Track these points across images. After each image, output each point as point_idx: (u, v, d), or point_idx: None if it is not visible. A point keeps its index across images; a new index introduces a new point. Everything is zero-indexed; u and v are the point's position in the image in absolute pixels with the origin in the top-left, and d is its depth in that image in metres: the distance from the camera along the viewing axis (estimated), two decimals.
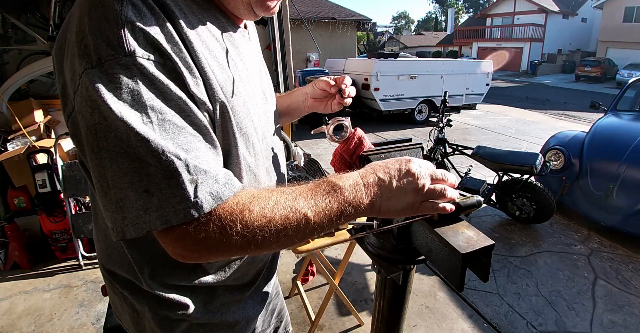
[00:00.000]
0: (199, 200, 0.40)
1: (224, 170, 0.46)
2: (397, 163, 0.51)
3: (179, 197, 0.40)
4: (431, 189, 0.50)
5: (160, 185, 0.39)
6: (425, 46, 33.74)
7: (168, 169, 0.39)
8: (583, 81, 18.73)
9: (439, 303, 2.19)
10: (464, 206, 0.51)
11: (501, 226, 3.23)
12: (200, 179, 0.41)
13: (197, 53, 0.47)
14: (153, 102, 0.41)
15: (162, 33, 0.43)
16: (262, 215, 0.43)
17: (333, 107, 0.78)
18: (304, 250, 1.57)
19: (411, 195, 0.49)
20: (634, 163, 2.85)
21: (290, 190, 0.47)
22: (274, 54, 3.85)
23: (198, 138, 0.44)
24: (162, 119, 0.41)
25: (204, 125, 0.46)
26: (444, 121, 3.20)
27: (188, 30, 0.47)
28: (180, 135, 0.42)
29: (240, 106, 0.54)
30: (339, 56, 10.76)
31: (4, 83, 2.87)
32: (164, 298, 0.60)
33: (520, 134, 6.96)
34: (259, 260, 0.70)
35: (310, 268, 2.40)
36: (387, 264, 0.59)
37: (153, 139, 0.39)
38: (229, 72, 0.53)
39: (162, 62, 0.43)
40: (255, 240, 0.43)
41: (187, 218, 0.40)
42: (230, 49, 0.56)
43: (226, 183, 0.44)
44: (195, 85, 0.45)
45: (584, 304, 2.23)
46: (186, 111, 0.44)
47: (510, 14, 25.59)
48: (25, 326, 1.96)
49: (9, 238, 2.43)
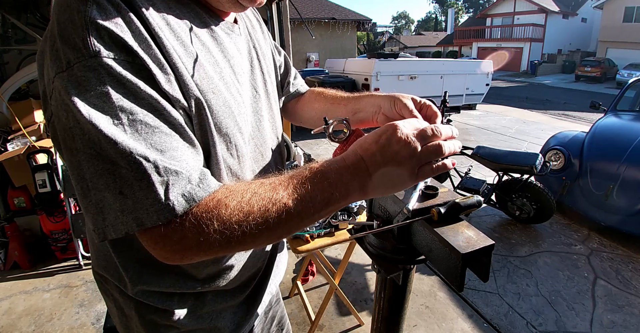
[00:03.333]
0: (171, 202, 0.40)
1: (200, 169, 0.44)
2: (381, 133, 0.46)
3: (151, 199, 0.39)
4: (425, 151, 0.45)
5: (132, 187, 0.39)
6: (425, 46, 33.75)
7: (138, 171, 0.39)
8: (583, 81, 18.73)
9: (439, 303, 2.19)
10: (464, 206, 0.51)
11: (501, 226, 3.23)
12: (171, 180, 0.40)
13: (168, 49, 0.45)
14: (122, 103, 0.39)
15: (129, 30, 0.42)
16: (239, 209, 0.42)
17: None
18: (304, 250, 1.57)
19: (405, 165, 0.45)
20: (634, 163, 2.85)
21: (270, 181, 0.45)
22: None
23: (174, 136, 0.43)
24: (132, 119, 0.40)
25: (179, 123, 0.44)
26: (444, 121, 3.19)
27: (158, 26, 0.45)
28: (153, 135, 0.41)
29: (220, 104, 0.52)
30: (339, 56, 10.76)
31: (4, 83, 2.87)
32: (150, 304, 0.59)
33: (520, 134, 6.96)
34: (252, 265, 0.68)
35: (310, 268, 2.40)
36: (387, 264, 0.59)
37: (121, 141, 0.38)
38: (206, 70, 0.51)
39: (129, 60, 0.41)
40: (236, 236, 0.41)
41: (160, 220, 0.39)
42: (210, 45, 0.54)
43: (200, 183, 0.43)
44: (167, 82, 0.44)
45: (584, 304, 2.23)
46: (159, 110, 0.42)
47: (510, 14, 25.60)
48: (25, 326, 1.96)
49: (9, 238, 2.43)
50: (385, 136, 0.45)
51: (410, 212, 0.52)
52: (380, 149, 0.45)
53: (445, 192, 0.58)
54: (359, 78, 7.11)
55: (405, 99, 0.62)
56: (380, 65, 6.81)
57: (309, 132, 0.74)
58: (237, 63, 0.59)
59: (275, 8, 3.67)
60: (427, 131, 0.46)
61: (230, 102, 0.54)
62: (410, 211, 0.52)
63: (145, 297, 0.58)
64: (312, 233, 1.61)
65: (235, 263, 0.63)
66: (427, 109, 0.61)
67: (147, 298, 0.58)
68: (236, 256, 0.63)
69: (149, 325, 0.61)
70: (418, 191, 0.56)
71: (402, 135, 0.45)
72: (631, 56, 18.40)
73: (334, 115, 0.74)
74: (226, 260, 0.61)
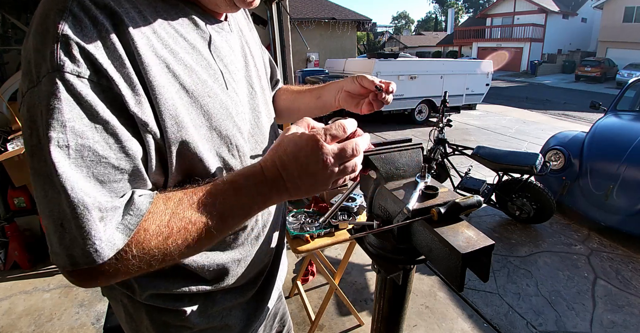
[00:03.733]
0: (105, 242, 0.38)
1: (133, 198, 0.41)
2: (302, 148, 0.44)
3: (88, 238, 0.37)
4: (340, 172, 0.46)
5: (70, 223, 0.37)
6: (425, 46, 33.75)
7: (75, 209, 0.36)
8: (583, 81, 18.73)
9: (439, 303, 2.19)
10: (464, 206, 0.51)
11: (501, 226, 3.23)
12: (108, 217, 0.38)
13: (146, 66, 0.42)
14: (74, 124, 0.37)
15: (102, 46, 0.39)
16: (158, 233, 0.41)
17: (363, 109, 0.73)
18: (304, 250, 1.57)
19: (320, 183, 0.45)
20: (634, 163, 2.85)
21: (189, 197, 0.43)
22: (274, 54, 3.85)
23: (119, 168, 0.40)
24: (81, 143, 0.37)
25: (132, 155, 0.41)
26: (444, 121, 3.20)
27: (141, 40, 0.43)
28: (99, 165, 0.38)
29: (218, 107, 0.51)
30: (339, 56, 10.76)
31: (4, 83, 2.87)
32: (161, 307, 0.59)
33: (520, 134, 6.96)
34: (259, 260, 0.68)
35: (310, 268, 2.40)
36: (387, 264, 0.59)
37: (62, 171, 0.36)
38: (199, 74, 0.50)
39: (95, 79, 0.39)
40: (155, 259, 0.41)
41: (92, 263, 0.38)
42: (201, 48, 0.52)
43: (130, 211, 0.41)
44: (137, 104, 0.41)
45: (584, 304, 2.23)
46: (113, 138, 0.40)
47: (510, 14, 25.59)
48: (25, 326, 1.96)
49: (9, 238, 2.43)
50: (305, 154, 0.43)
51: (410, 212, 0.52)
52: (299, 168, 0.44)
53: (445, 192, 0.58)
54: None
55: (367, 75, 0.69)
56: (380, 65, 6.82)
57: None
58: (230, 61, 0.58)
59: (275, 8, 3.67)
60: (347, 151, 0.45)
61: (228, 103, 0.54)
62: (410, 211, 0.52)
63: (154, 300, 0.58)
64: (312, 233, 1.61)
65: (242, 260, 0.63)
66: (389, 86, 0.68)
67: (157, 301, 0.58)
68: (243, 253, 0.63)
69: (160, 327, 0.61)
70: (418, 191, 0.56)
71: (321, 156, 0.43)
72: (631, 56, 18.40)
73: (300, 103, 0.81)
74: (234, 257, 0.62)
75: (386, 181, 0.61)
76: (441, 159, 3.31)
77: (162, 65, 0.45)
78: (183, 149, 0.47)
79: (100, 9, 0.41)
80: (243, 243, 0.62)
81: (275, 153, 0.45)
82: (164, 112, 0.44)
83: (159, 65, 0.44)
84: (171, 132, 0.45)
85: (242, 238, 0.62)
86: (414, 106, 7.56)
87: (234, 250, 0.61)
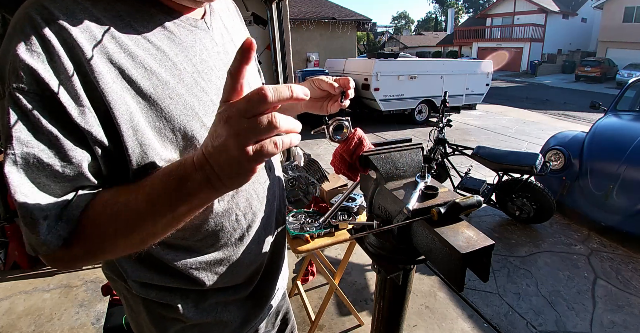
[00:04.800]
0: (50, 239, 0.43)
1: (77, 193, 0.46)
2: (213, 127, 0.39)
3: (35, 235, 0.43)
4: (250, 125, 0.35)
5: (23, 219, 0.43)
6: (425, 46, 33.74)
7: (22, 210, 0.42)
8: (583, 81, 18.72)
9: (439, 303, 2.19)
10: (464, 206, 0.51)
11: (501, 226, 3.23)
12: (51, 215, 0.43)
13: (97, 75, 0.44)
14: (20, 134, 0.41)
15: (48, 60, 0.42)
16: (97, 221, 0.45)
17: (330, 109, 0.72)
18: (304, 250, 1.57)
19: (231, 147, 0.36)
20: (634, 163, 2.85)
21: (124, 186, 0.47)
22: (273, 54, 3.85)
23: (64, 174, 0.44)
24: (26, 152, 0.41)
25: (76, 162, 0.45)
26: (444, 121, 3.20)
27: (93, 49, 0.45)
28: (43, 171, 0.43)
29: (181, 108, 0.51)
30: (339, 56, 10.75)
31: None
32: (153, 300, 0.61)
33: (520, 134, 6.96)
34: (248, 261, 0.68)
35: (310, 268, 2.40)
36: (387, 264, 0.59)
37: (11, 177, 0.41)
38: (160, 76, 0.50)
39: (39, 92, 0.42)
40: (99, 245, 0.46)
41: (46, 252, 0.45)
42: (166, 47, 0.52)
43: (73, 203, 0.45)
44: (81, 114, 0.44)
45: (584, 304, 2.23)
46: (57, 146, 0.43)
47: (510, 14, 25.59)
48: (25, 326, 1.96)
49: (9, 238, 2.43)
50: (213, 128, 0.39)
51: (410, 212, 0.52)
52: (210, 136, 0.39)
53: (445, 192, 0.58)
54: (359, 78, 7.10)
55: (320, 76, 0.70)
56: (380, 65, 6.82)
57: (309, 132, 0.74)
58: (201, 60, 0.57)
59: (275, 8, 3.67)
60: (253, 98, 0.35)
61: (193, 103, 0.53)
62: (410, 211, 0.52)
63: (148, 293, 0.60)
64: (312, 233, 1.61)
65: (225, 260, 0.64)
66: (344, 81, 0.68)
67: (151, 294, 0.60)
68: (227, 253, 0.63)
69: (155, 319, 0.64)
70: (418, 191, 0.56)
71: (221, 115, 0.37)
72: (631, 56, 18.39)
73: None
74: (217, 257, 0.62)
75: (386, 181, 0.61)
76: (441, 159, 3.31)
77: (117, 72, 0.46)
78: (142, 153, 0.48)
79: (49, 24, 0.43)
80: (226, 244, 0.63)
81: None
82: (119, 118, 0.46)
83: (113, 72, 0.46)
84: (127, 136, 0.47)
85: (224, 239, 0.62)
86: (414, 106, 7.56)
87: (218, 251, 0.62)
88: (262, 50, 3.98)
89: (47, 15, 0.43)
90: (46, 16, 0.43)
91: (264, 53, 3.99)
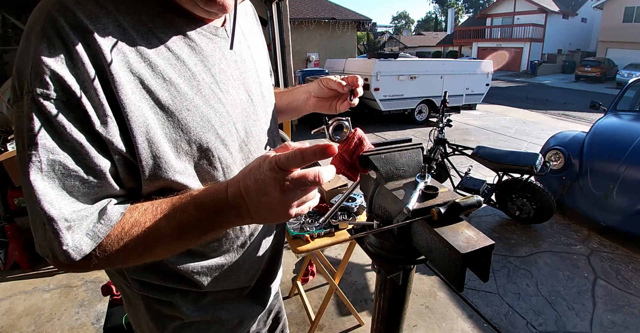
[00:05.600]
0: (75, 247, 0.43)
1: (106, 208, 0.46)
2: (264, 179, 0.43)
3: (58, 243, 0.42)
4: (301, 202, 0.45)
5: (45, 226, 0.42)
6: (425, 46, 33.74)
7: (47, 216, 0.41)
8: (583, 81, 18.73)
9: (439, 303, 2.19)
10: (464, 206, 0.51)
11: (501, 226, 3.23)
12: (76, 224, 0.43)
13: (117, 85, 0.44)
14: (46, 141, 0.41)
15: (72, 66, 0.42)
16: (120, 239, 0.45)
17: (339, 108, 0.72)
18: (304, 250, 1.57)
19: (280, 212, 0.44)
20: (634, 163, 2.85)
21: (154, 207, 0.47)
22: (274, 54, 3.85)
23: (88, 181, 0.44)
24: (52, 159, 0.41)
25: (100, 170, 0.44)
26: (444, 121, 3.20)
27: (115, 57, 0.44)
28: (69, 178, 0.42)
29: (198, 120, 0.51)
30: (339, 56, 10.76)
31: (4, 83, 2.87)
32: (152, 297, 0.62)
33: (520, 134, 6.96)
34: (248, 267, 0.68)
35: (310, 268, 2.40)
36: (387, 264, 0.59)
37: (35, 185, 0.40)
38: (179, 87, 0.50)
39: (64, 99, 0.41)
40: (118, 261, 0.46)
41: (68, 261, 0.43)
42: (186, 57, 0.52)
43: (101, 220, 0.45)
44: (102, 123, 0.43)
45: (584, 304, 2.23)
46: (82, 154, 0.43)
47: (510, 14, 25.59)
48: (25, 326, 1.96)
49: (9, 238, 2.43)
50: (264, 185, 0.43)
51: (410, 212, 0.52)
52: (258, 192, 0.44)
53: (445, 192, 0.57)
54: None
55: (329, 76, 0.72)
56: (380, 65, 6.82)
57: (309, 132, 0.74)
58: (220, 70, 0.56)
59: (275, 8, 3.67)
60: (310, 178, 0.42)
61: (210, 115, 0.53)
62: (410, 211, 0.52)
63: (148, 291, 0.60)
64: (312, 233, 1.61)
65: (227, 265, 0.64)
66: (353, 79, 0.70)
67: (151, 291, 0.61)
68: (229, 259, 0.64)
69: (154, 315, 0.64)
70: (418, 191, 0.56)
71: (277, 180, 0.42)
72: (631, 56, 18.40)
73: None
74: (218, 263, 0.63)
75: (386, 181, 0.61)
76: (441, 159, 3.31)
77: (136, 82, 0.46)
78: (156, 164, 0.48)
79: (74, 28, 0.42)
80: (228, 250, 0.63)
81: (242, 175, 0.46)
82: (135, 130, 0.45)
83: (133, 82, 0.45)
84: (142, 148, 0.46)
85: (226, 245, 0.62)
86: (414, 106, 7.56)
87: (220, 256, 0.63)
88: None
89: (71, 19, 0.42)
90: (70, 19, 0.42)
91: None
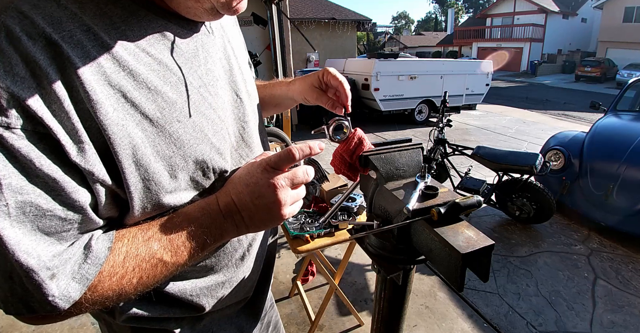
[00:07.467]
0: (61, 295, 0.37)
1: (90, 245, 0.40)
2: (256, 182, 0.46)
3: (41, 294, 0.36)
4: (291, 198, 0.48)
5: (21, 278, 0.35)
6: (425, 46, 33.75)
7: (25, 267, 0.34)
8: (583, 81, 18.73)
9: (439, 303, 2.19)
10: (464, 206, 0.51)
11: (501, 226, 3.23)
12: (60, 270, 0.37)
13: (95, 103, 0.37)
14: (11, 180, 0.33)
15: (37, 88, 0.35)
16: (112, 273, 0.40)
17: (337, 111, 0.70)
18: (304, 250, 1.57)
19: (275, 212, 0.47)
20: (634, 163, 2.85)
21: (142, 232, 0.43)
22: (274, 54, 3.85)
23: (67, 219, 0.38)
24: (21, 200, 0.34)
25: (79, 205, 0.38)
26: (443, 121, 3.20)
27: (89, 70, 0.37)
28: (43, 218, 0.36)
29: (190, 131, 0.46)
30: (339, 56, 10.77)
31: None
32: (143, 327, 0.56)
33: (520, 134, 6.96)
34: (247, 279, 0.65)
35: (310, 268, 2.40)
36: (387, 264, 0.59)
37: (4, 233, 0.33)
38: (167, 97, 0.44)
39: (30, 128, 0.34)
40: (110, 299, 0.41)
41: (54, 311, 0.37)
42: (169, 62, 0.46)
43: (88, 259, 0.39)
44: (79, 152, 0.37)
45: (584, 304, 2.23)
46: (56, 190, 0.36)
47: (510, 14, 25.60)
48: (25, 326, 1.96)
49: None
50: (258, 188, 0.46)
51: (410, 212, 0.52)
52: (249, 191, 0.46)
53: (445, 192, 0.57)
54: (359, 78, 7.11)
55: (329, 69, 0.69)
56: (380, 65, 6.81)
57: (309, 132, 0.74)
58: (207, 71, 0.51)
59: (275, 8, 3.67)
60: (300, 174, 0.48)
61: (202, 124, 0.48)
62: (410, 211, 0.52)
63: (138, 322, 0.54)
64: (312, 233, 1.61)
65: (227, 282, 0.61)
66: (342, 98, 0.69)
67: (140, 322, 0.54)
68: (228, 275, 0.60)
69: None
70: (418, 191, 0.56)
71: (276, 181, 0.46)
72: (631, 56, 18.41)
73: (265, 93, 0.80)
74: (217, 280, 0.59)
75: (386, 181, 0.61)
76: (441, 159, 3.31)
77: (117, 96, 0.39)
78: (145, 188, 0.43)
79: (34, 39, 0.35)
80: (227, 265, 0.59)
81: (230, 184, 0.46)
82: (120, 153, 0.39)
83: (113, 97, 0.39)
84: (129, 173, 0.41)
85: (225, 260, 0.58)
86: (414, 106, 7.56)
87: (218, 273, 0.58)
88: (262, 50, 3.98)
89: (28, 27, 0.35)
90: (28, 27, 0.35)
91: (264, 53, 3.99)
